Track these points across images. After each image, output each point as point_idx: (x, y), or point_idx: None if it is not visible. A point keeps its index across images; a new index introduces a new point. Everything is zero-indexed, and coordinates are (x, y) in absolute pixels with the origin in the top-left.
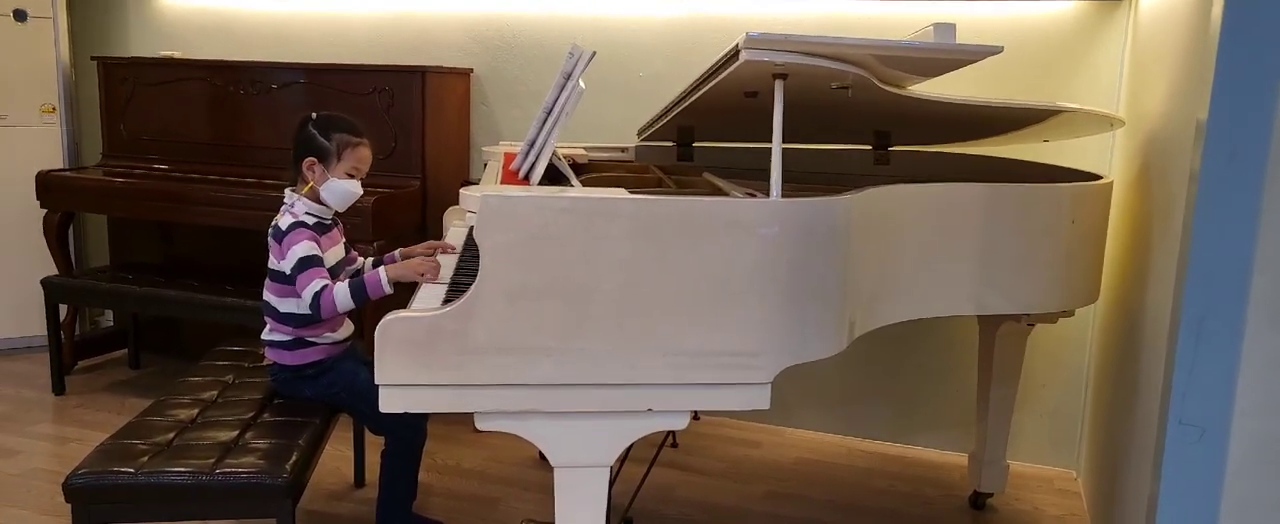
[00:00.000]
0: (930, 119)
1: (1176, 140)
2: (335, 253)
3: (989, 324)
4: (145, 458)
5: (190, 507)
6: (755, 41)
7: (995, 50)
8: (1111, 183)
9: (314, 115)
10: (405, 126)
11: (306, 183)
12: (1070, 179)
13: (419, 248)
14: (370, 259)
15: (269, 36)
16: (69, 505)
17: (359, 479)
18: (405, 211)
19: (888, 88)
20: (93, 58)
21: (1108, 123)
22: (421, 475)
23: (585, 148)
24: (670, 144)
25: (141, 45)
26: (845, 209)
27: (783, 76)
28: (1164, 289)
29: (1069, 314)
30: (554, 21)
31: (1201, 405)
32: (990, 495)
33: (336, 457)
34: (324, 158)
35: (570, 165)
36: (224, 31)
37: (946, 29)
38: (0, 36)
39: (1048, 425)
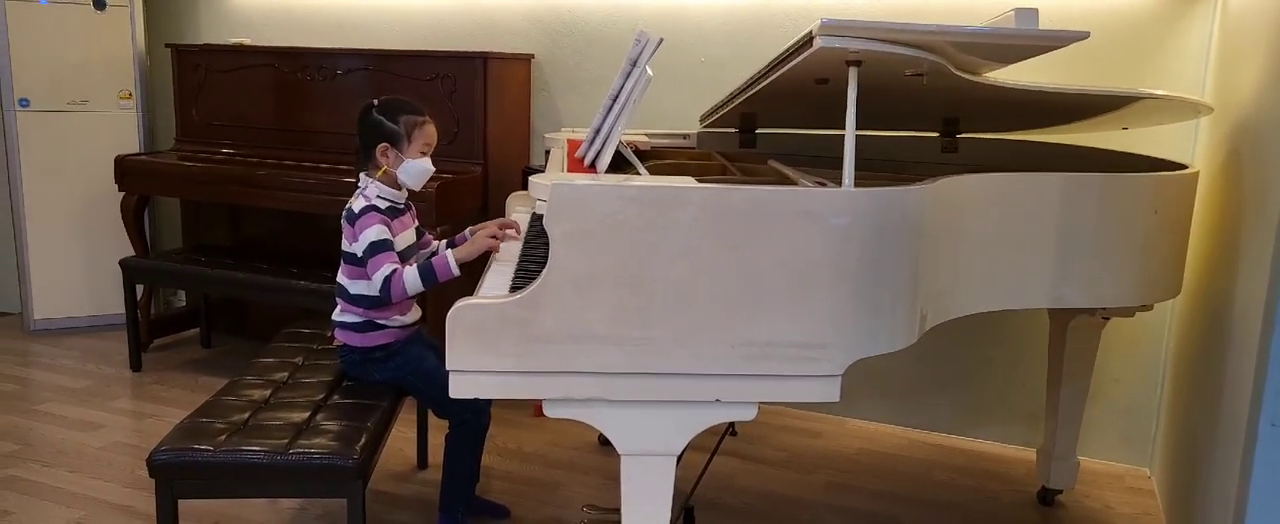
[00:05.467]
0: (1005, 106)
1: (1271, 128)
2: (406, 237)
3: (1061, 317)
4: (223, 437)
5: (265, 485)
6: (830, 28)
7: (1081, 36)
8: (1197, 173)
9: (376, 101)
10: (467, 112)
11: (380, 168)
12: (1147, 167)
13: (490, 226)
14: (444, 241)
15: (333, 23)
16: (152, 480)
17: (422, 461)
18: (468, 196)
19: (964, 75)
20: (167, 45)
21: (1194, 110)
22: (484, 459)
23: (647, 134)
24: (732, 131)
25: (213, 33)
26: (919, 199)
27: (856, 63)
28: (1255, 283)
29: (1147, 308)
30: (614, 7)
31: None
32: (1059, 492)
33: (400, 438)
34: (395, 141)
35: (634, 152)
36: (291, 19)
37: (1029, 14)
38: (80, 24)
39: (1121, 421)
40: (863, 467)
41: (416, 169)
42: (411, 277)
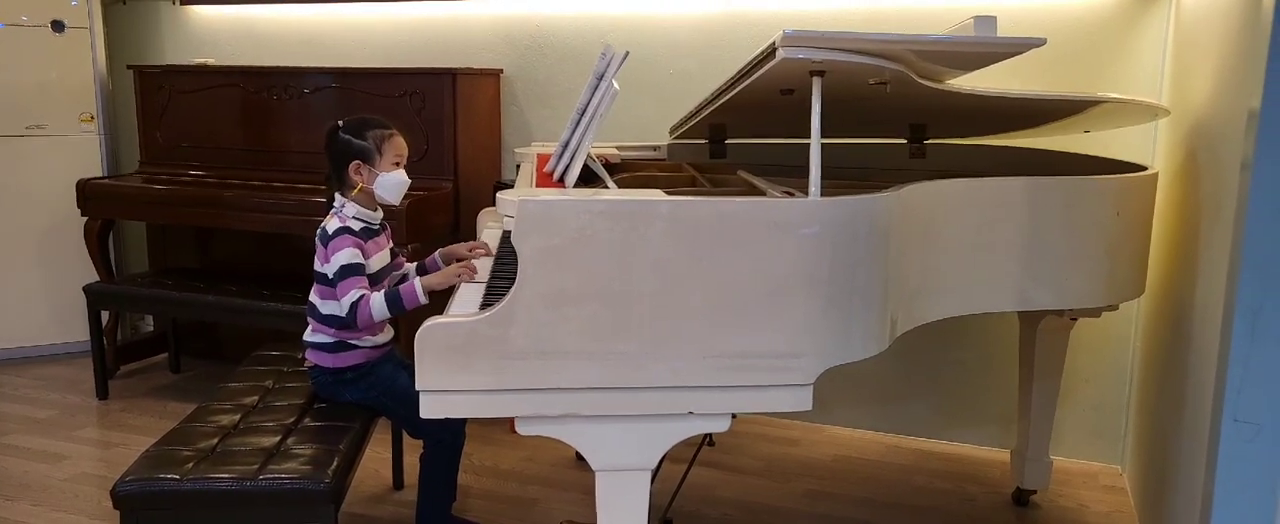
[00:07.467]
0: (968, 112)
1: (1226, 129)
2: (381, 258)
3: (1030, 319)
4: (190, 464)
5: (234, 513)
6: (792, 39)
7: (1038, 42)
8: (1156, 174)
9: (340, 123)
10: (437, 128)
11: (355, 187)
12: (1110, 170)
13: (459, 248)
14: (414, 265)
15: (299, 42)
16: (117, 512)
17: (398, 482)
18: (438, 213)
19: (926, 82)
20: (129, 66)
21: (1151, 113)
22: (460, 477)
23: (617, 147)
24: (702, 141)
25: (176, 53)
26: (886, 207)
27: (820, 74)
28: (1215, 281)
29: (1113, 308)
30: (583, 21)
31: (1257, 401)
32: (1034, 492)
33: (375, 459)
34: (367, 157)
35: (603, 165)
36: (256, 38)
37: (987, 22)
38: (39, 47)
39: (1092, 420)
40: (841, 473)
41: (392, 182)
42: (378, 303)
